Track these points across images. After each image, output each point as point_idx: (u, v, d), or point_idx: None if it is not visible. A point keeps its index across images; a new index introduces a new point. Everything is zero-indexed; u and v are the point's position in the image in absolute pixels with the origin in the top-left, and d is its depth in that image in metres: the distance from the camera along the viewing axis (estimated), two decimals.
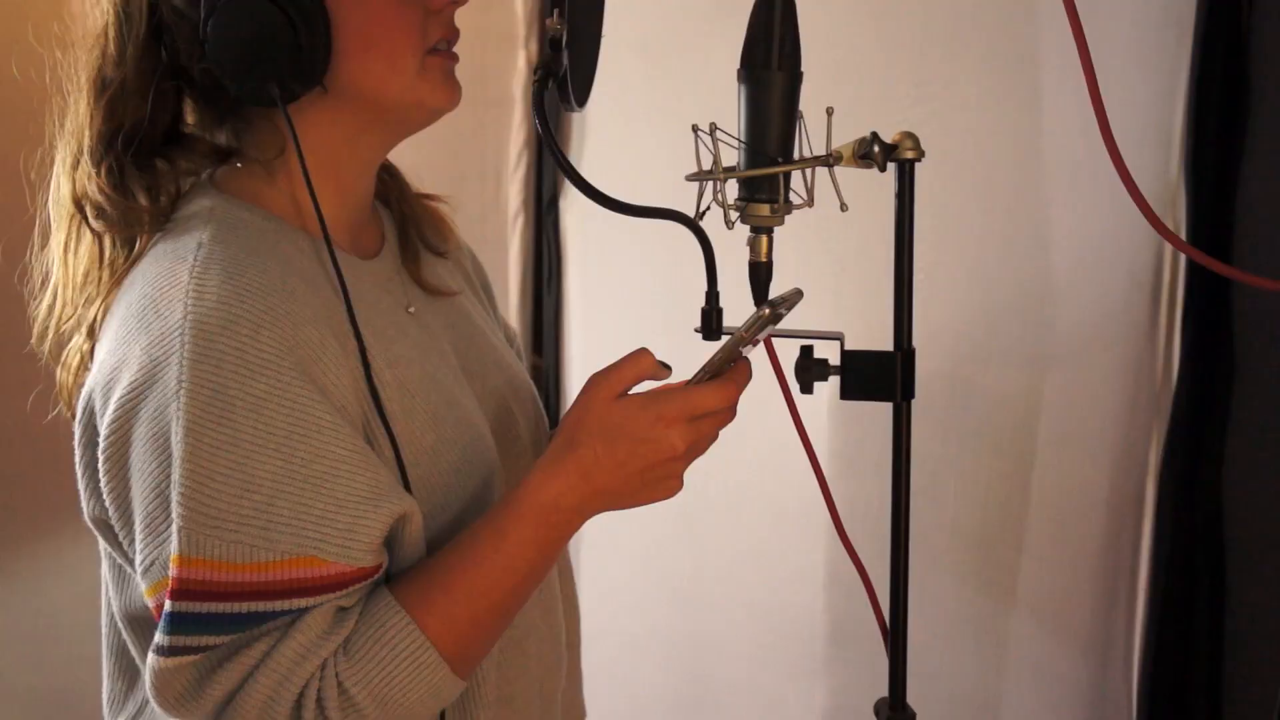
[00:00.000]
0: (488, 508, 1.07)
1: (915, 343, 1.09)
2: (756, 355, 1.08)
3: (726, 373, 1.03)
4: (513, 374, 1.27)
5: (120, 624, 1.10)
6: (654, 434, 1.00)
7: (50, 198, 1.10)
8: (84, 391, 1.05)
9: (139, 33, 1.06)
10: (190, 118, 1.12)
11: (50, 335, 1.11)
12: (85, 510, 1.07)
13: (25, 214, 1.12)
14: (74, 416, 1.07)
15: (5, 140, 1.15)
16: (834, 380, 1.10)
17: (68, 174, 1.08)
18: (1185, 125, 1.72)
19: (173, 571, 0.95)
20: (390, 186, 1.25)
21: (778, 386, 1.10)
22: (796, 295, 1.04)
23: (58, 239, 1.09)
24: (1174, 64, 1.71)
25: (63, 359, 1.11)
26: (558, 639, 1.24)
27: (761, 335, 1.02)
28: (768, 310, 0.98)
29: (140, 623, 1.07)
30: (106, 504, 1.01)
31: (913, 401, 1.10)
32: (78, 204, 1.07)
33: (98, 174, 1.06)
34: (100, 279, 1.07)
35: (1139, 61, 1.73)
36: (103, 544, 1.10)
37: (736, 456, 2.00)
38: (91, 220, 1.06)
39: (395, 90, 1.08)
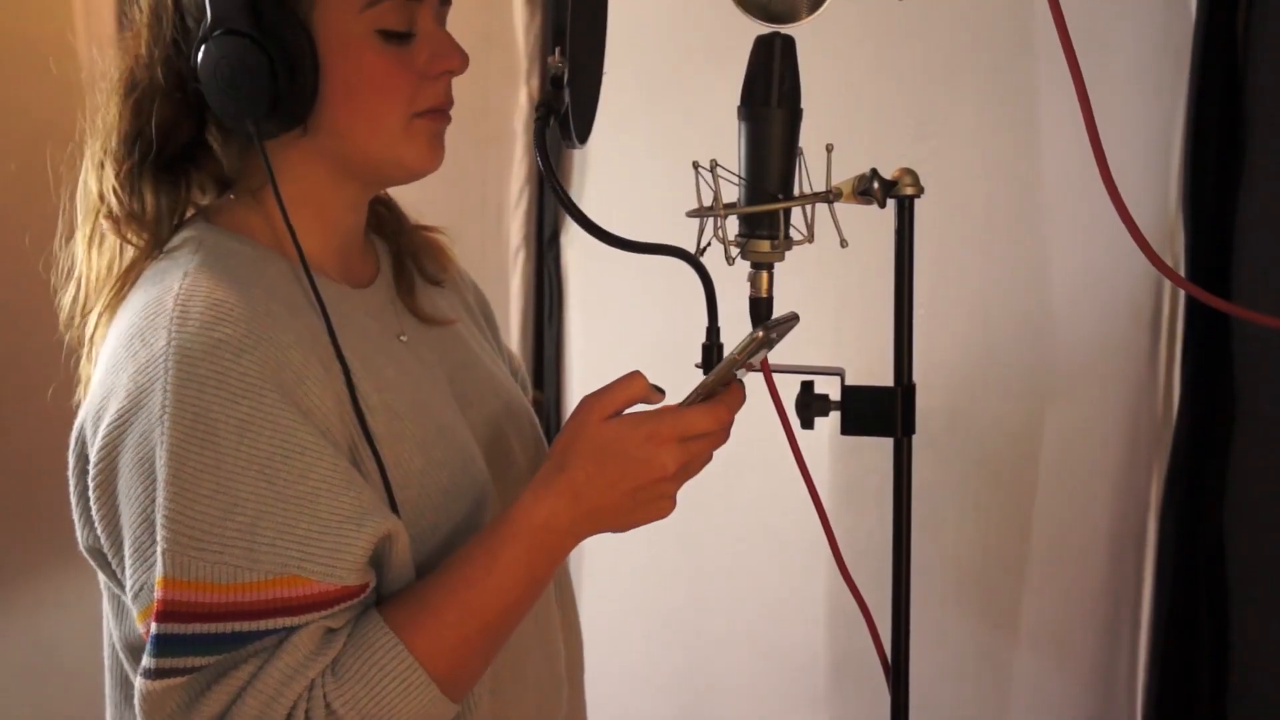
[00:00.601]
0: (479, 530, 1.07)
1: (916, 376, 1.09)
2: (758, 390, 1.08)
3: (719, 395, 1.03)
4: (510, 399, 1.27)
5: (121, 654, 1.10)
6: (644, 453, 1.00)
7: (79, 191, 1.12)
8: (76, 423, 1.06)
9: (165, 41, 1.08)
10: (211, 127, 1.14)
11: (76, 322, 1.13)
12: (80, 540, 1.08)
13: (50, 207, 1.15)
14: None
15: (38, 136, 1.17)
16: (835, 415, 1.10)
17: (94, 170, 1.10)
18: (1183, 160, 1.73)
19: (157, 594, 0.95)
20: (387, 220, 1.26)
21: (778, 421, 1.10)
22: (792, 319, 1.05)
23: (83, 232, 1.11)
24: (1171, 100, 1.73)
25: (87, 348, 1.13)
26: (556, 665, 1.24)
27: (756, 358, 1.02)
28: (761, 333, 0.98)
29: (140, 652, 1.07)
30: (99, 532, 1.03)
31: (913, 436, 1.10)
32: (101, 199, 1.09)
33: (117, 174, 1.08)
34: (121, 270, 1.09)
35: (1136, 97, 1.74)
36: (100, 575, 1.10)
37: (738, 490, 2.01)
38: (102, 218, 1.09)
39: (375, 147, 1.09)
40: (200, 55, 1.04)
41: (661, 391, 1.04)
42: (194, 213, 1.13)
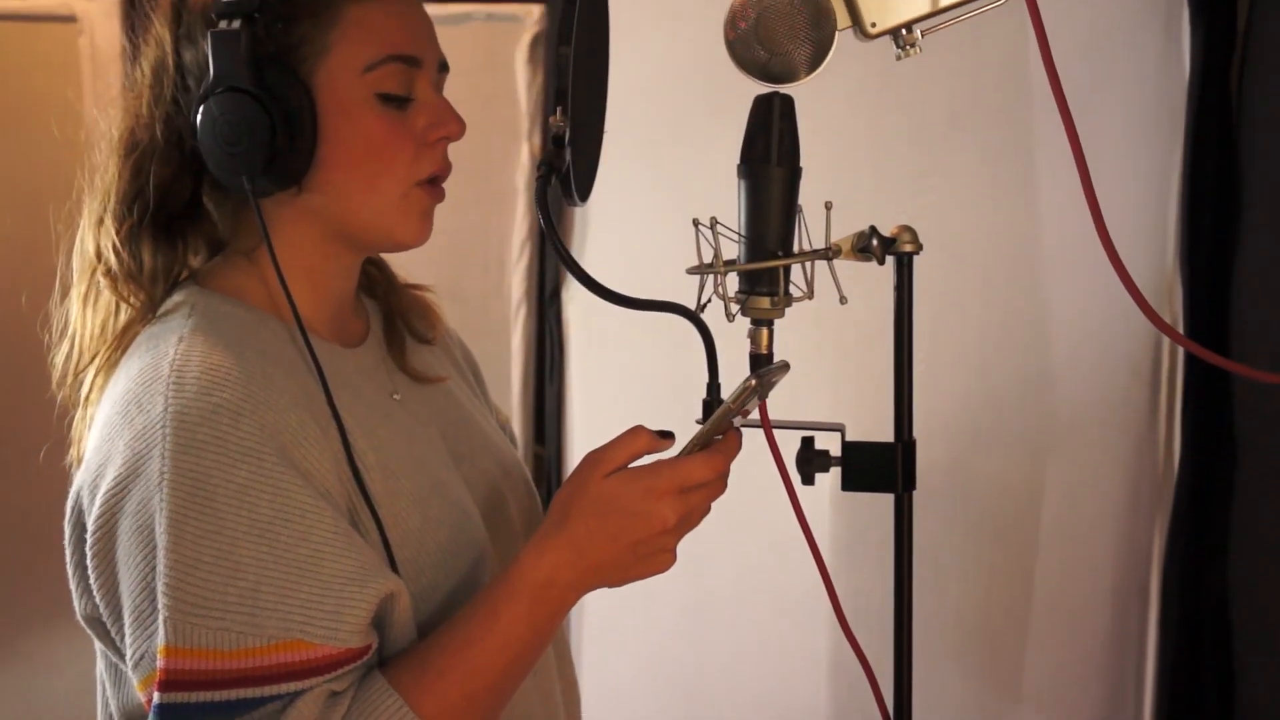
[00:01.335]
0: (478, 588, 1.07)
1: (916, 433, 1.09)
2: (759, 446, 1.08)
3: (715, 444, 1.03)
4: (503, 456, 1.28)
5: None
6: (645, 507, 1.00)
7: (75, 250, 1.12)
8: (72, 491, 1.06)
9: (166, 101, 1.09)
10: (207, 188, 1.15)
11: (70, 381, 1.13)
12: (77, 609, 1.07)
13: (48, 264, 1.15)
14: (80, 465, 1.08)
15: (41, 192, 1.19)
16: (835, 471, 1.10)
17: (92, 229, 1.11)
18: (1179, 218, 1.74)
19: (160, 662, 0.94)
20: (377, 280, 1.27)
21: (779, 477, 1.10)
22: (783, 367, 1.05)
23: (78, 290, 1.11)
24: (1166, 158, 1.74)
25: (82, 405, 1.13)
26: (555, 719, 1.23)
27: (749, 405, 1.02)
28: (754, 381, 0.99)
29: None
30: (97, 600, 1.02)
31: (914, 492, 1.10)
32: (99, 257, 1.09)
33: (117, 233, 1.09)
34: (114, 332, 1.10)
35: (1133, 156, 1.76)
36: (98, 643, 1.09)
37: (739, 548, 2.00)
38: (100, 276, 1.09)
39: (368, 214, 1.10)
40: (200, 112, 1.05)
41: (670, 436, 1.04)
42: (186, 275, 1.14)
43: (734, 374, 1.07)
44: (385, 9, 1.09)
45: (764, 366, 1.07)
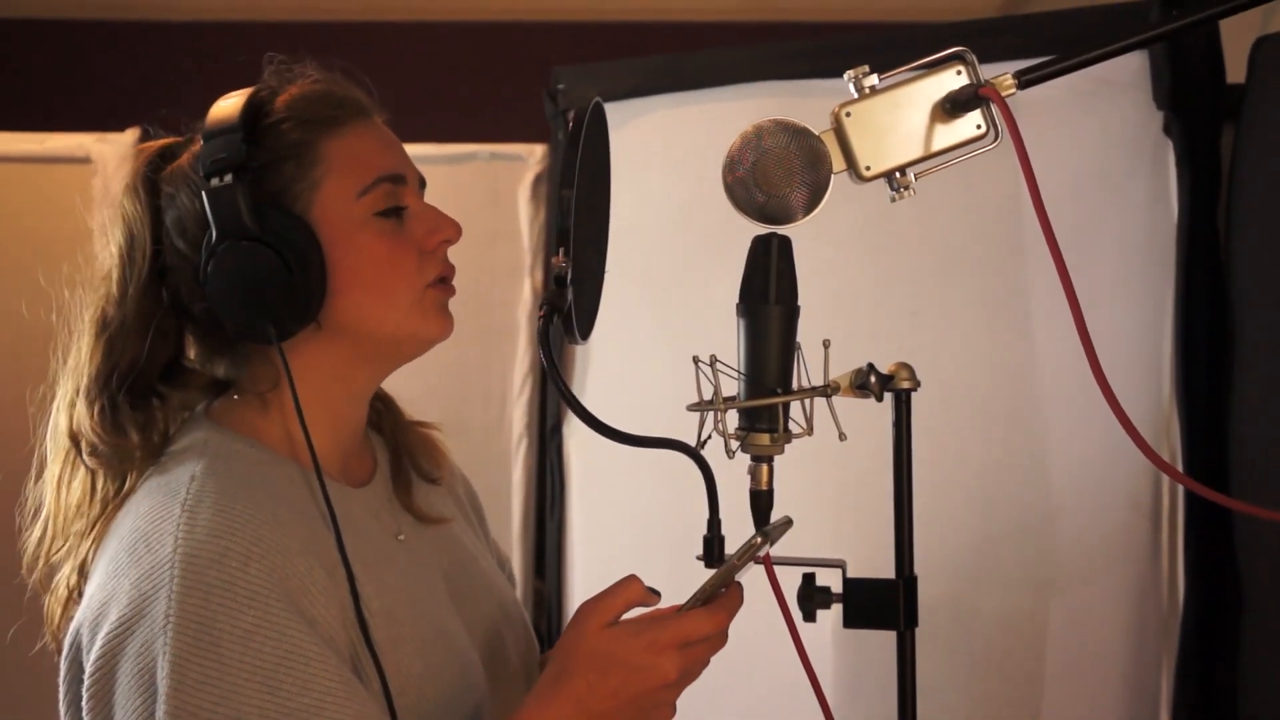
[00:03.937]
0: None
1: (917, 568, 1.09)
2: (760, 582, 1.08)
3: (718, 598, 1.03)
4: (503, 598, 1.27)
5: None
6: (646, 661, 1.00)
7: (48, 432, 1.12)
8: (72, 627, 1.05)
9: (141, 275, 1.10)
10: (191, 352, 1.16)
11: (40, 565, 1.12)
12: None
13: (25, 446, 1.15)
14: (59, 650, 1.07)
15: (12, 375, 1.19)
16: (837, 608, 1.09)
17: (65, 410, 1.11)
18: (1174, 352, 1.76)
19: None
20: (385, 416, 1.28)
21: (780, 614, 1.10)
22: (786, 523, 1.06)
23: (52, 472, 1.11)
24: (1159, 295, 1.77)
25: (52, 588, 1.12)
26: None
27: (753, 559, 1.03)
28: (759, 538, 1.00)
29: None
30: None
31: (916, 628, 1.09)
32: (73, 439, 1.09)
33: (91, 412, 1.08)
34: (90, 513, 1.09)
35: (1126, 294, 1.78)
36: None
37: (741, 685, 1.97)
38: (85, 456, 1.09)
39: (390, 324, 1.12)
40: (210, 268, 1.06)
41: (657, 594, 1.05)
42: (201, 406, 1.14)
43: (734, 510, 1.07)
44: (361, 136, 1.13)
45: (769, 509, 1.08)
